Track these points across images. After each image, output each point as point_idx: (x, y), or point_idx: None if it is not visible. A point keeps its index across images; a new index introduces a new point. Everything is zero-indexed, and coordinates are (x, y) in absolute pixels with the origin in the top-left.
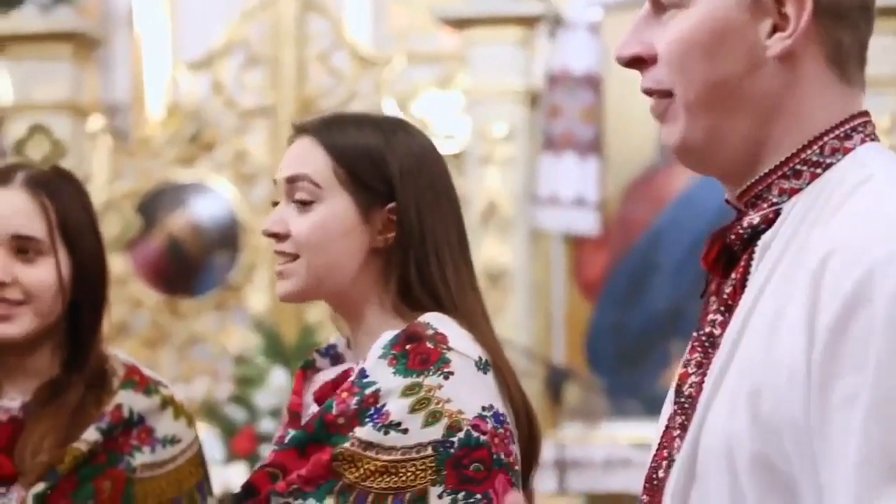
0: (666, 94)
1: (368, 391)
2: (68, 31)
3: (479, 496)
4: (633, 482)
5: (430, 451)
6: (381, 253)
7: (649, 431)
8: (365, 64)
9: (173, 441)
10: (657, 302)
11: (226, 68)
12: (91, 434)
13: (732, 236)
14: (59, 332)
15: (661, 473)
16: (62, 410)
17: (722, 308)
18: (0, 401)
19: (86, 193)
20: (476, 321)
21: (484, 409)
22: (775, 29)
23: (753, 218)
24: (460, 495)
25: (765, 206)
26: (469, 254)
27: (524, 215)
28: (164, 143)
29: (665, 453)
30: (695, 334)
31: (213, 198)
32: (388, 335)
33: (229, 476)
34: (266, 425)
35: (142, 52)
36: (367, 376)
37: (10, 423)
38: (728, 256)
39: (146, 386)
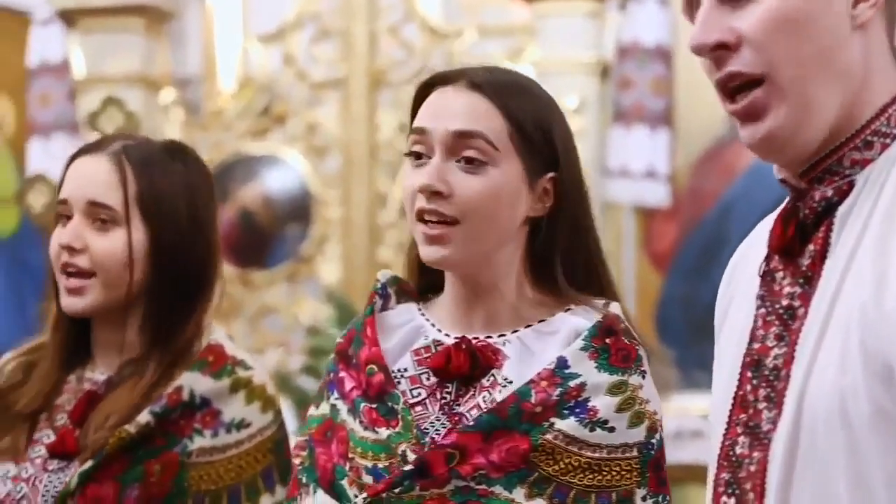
0: (755, 82)
1: (572, 383)
2: (140, 5)
3: (668, 498)
4: (704, 453)
5: (635, 452)
6: (530, 222)
7: None
8: (436, 36)
9: (241, 425)
10: None
11: (297, 41)
12: (143, 416)
13: (806, 211)
14: (141, 311)
15: (739, 450)
16: (135, 389)
17: (801, 280)
18: (91, 373)
19: (196, 170)
20: (621, 300)
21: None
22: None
23: (826, 191)
24: (659, 498)
25: (836, 179)
26: None
27: (595, 187)
28: (236, 115)
29: (738, 430)
30: (763, 310)
31: (285, 170)
32: (571, 320)
33: None
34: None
35: (213, 25)
36: (568, 367)
37: (87, 397)
38: (800, 232)
39: (220, 367)
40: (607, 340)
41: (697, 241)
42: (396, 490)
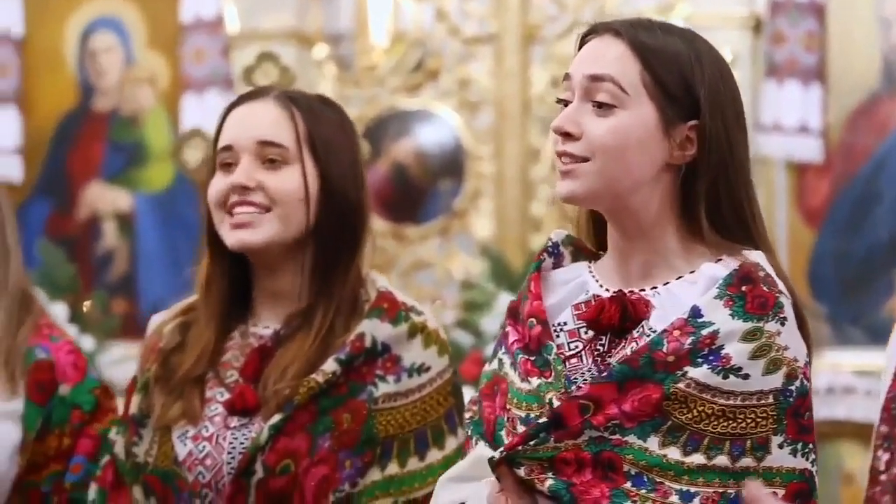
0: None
1: (705, 332)
2: None
3: (811, 445)
4: (856, 410)
5: (771, 399)
6: (674, 170)
7: (873, 359)
8: None
9: (420, 370)
10: (880, 230)
11: None
12: (329, 365)
13: None
14: (309, 256)
15: None
16: (309, 340)
17: None
18: (254, 328)
19: (349, 121)
20: (772, 250)
21: (806, 354)
22: None
23: None
24: (799, 445)
25: None
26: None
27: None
28: (389, 71)
29: None
30: None
31: (438, 125)
32: (711, 269)
33: None
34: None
35: None
36: (701, 316)
37: (259, 352)
38: None
39: (395, 313)
40: (743, 288)
41: (850, 196)
42: (532, 443)
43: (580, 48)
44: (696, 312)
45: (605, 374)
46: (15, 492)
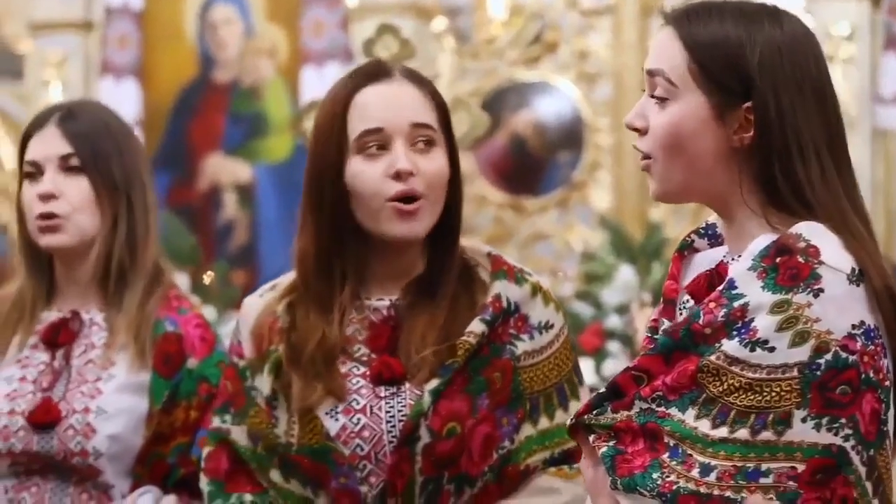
0: None
1: (736, 304)
2: None
3: (843, 420)
4: None
5: (795, 372)
6: (741, 153)
7: None
8: None
9: (547, 327)
10: None
11: None
12: (477, 326)
13: None
14: (433, 231)
15: None
16: (438, 306)
17: None
18: (368, 300)
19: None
20: (849, 225)
21: (854, 326)
22: None
23: None
24: (824, 420)
25: None
26: (844, 152)
27: (867, 115)
28: (507, 43)
29: None
30: None
31: (557, 97)
32: (757, 244)
33: None
34: (612, 321)
35: None
36: (735, 287)
37: (388, 323)
38: None
39: (515, 275)
40: (778, 260)
41: None
42: (595, 412)
43: None
44: (730, 284)
45: (652, 346)
46: (140, 463)
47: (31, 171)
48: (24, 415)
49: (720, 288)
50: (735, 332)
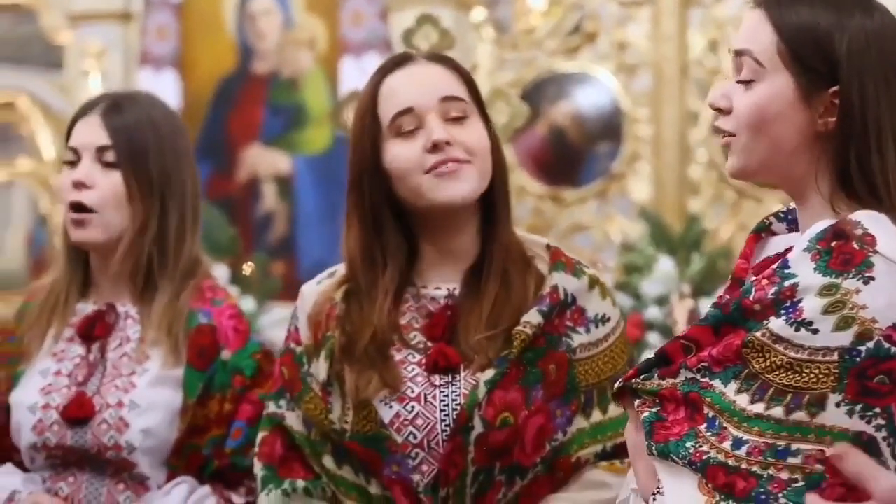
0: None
1: (787, 283)
2: None
3: (877, 410)
4: None
5: (835, 356)
6: (823, 137)
7: None
8: None
9: (603, 320)
10: None
11: None
12: (534, 317)
13: None
14: (479, 211)
15: None
16: (494, 295)
17: None
18: (424, 289)
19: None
20: None
21: None
22: None
23: None
24: (858, 407)
25: None
26: None
27: None
28: (546, 34)
29: None
30: None
31: (596, 88)
32: (817, 226)
33: None
34: (652, 313)
35: None
36: (788, 267)
37: (445, 312)
38: None
39: (574, 267)
40: (833, 244)
41: None
42: (642, 377)
43: None
44: (784, 264)
45: (703, 317)
46: (175, 454)
47: (70, 157)
48: (59, 409)
49: (774, 266)
50: (783, 311)
